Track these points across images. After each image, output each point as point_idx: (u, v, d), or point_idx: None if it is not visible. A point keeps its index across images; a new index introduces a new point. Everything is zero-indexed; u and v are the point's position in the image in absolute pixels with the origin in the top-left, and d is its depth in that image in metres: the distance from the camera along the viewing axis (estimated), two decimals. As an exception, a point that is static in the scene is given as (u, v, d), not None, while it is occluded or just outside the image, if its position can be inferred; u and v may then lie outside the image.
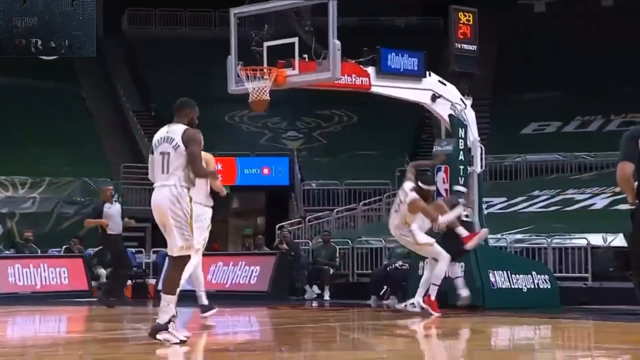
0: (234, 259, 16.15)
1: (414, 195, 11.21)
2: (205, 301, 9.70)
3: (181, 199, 6.85)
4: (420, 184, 11.39)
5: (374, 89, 12.55)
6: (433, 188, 11.65)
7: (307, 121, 26.40)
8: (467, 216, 12.08)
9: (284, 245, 16.75)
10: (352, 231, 19.30)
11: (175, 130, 7.00)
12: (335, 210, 20.89)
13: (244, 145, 23.82)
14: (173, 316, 6.78)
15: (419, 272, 12.85)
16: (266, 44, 11.79)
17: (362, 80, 12.36)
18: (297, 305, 14.13)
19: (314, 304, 14.84)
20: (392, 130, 24.46)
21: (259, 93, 11.59)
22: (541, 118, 25.37)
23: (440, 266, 11.17)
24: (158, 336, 6.80)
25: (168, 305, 6.78)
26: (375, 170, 22.81)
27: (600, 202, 17.70)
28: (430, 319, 10.56)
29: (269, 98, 10.40)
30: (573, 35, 26.44)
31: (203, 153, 9.43)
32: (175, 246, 6.82)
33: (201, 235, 9.05)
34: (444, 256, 11.18)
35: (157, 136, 7.11)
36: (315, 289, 16.17)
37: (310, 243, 17.51)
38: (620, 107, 23.62)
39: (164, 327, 6.79)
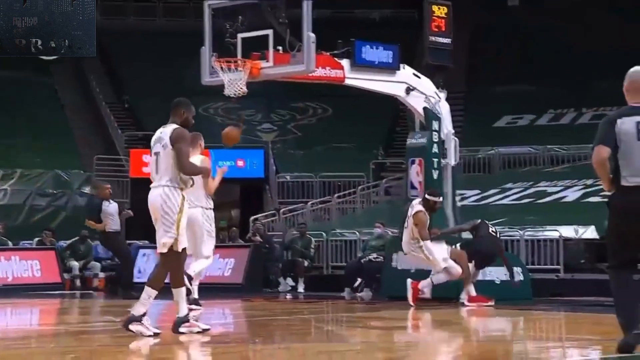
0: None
1: (419, 207, 11.38)
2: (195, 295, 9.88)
3: (172, 198, 6.91)
4: (426, 195, 11.57)
5: (348, 82, 12.55)
6: (439, 199, 11.66)
7: (281, 113, 26.36)
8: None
9: (258, 238, 16.73)
10: (326, 224, 19.31)
11: (166, 131, 7.10)
12: (309, 203, 20.88)
13: (218, 138, 23.69)
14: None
15: (392, 264, 12.90)
16: (240, 35, 11.74)
17: (336, 73, 12.35)
18: (271, 297, 14.12)
19: (288, 296, 14.84)
20: (366, 123, 24.49)
21: (236, 85, 11.54)
22: (514, 111, 25.52)
23: (443, 276, 11.26)
24: (131, 327, 6.80)
25: (148, 298, 6.81)
26: (349, 163, 22.83)
27: (572, 195, 17.84)
28: (404, 311, 10.60)
29: (239, 130, 10.38)
30: (546, 29, 26.60)
31: (198, 155, 9.47)
32: (158, 243, 6.89)
33: (211, 240, 9.19)
34: (456, 271, 11.26)
35: (154, 137, 7.23)
36: (289, 281, 16.17)
37: (284, 235, 17.49)
38: (592, 101, 23.80)
39: (138, 319, 6.79)
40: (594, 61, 24.15)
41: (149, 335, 6.73)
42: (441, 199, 11.80)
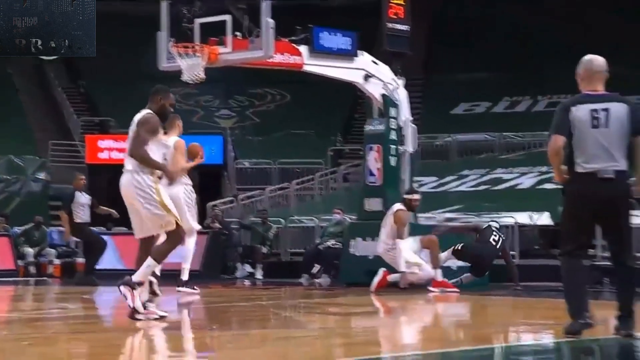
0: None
1: (399, 206, 11.52)
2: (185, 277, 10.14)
3: (142, 182, 6.87)
4: (404, 195, 11.79)
5: (306, 68, 12.53)
6: (414, 196, 11.79)
7: (240, 100, 26.25)
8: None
9: (216, 224, 16.67)
10: (285, 210, 19.30)
11: (138, 115, 7.07)
12: (268, 189, 20.85)
13: (176, 124, 23.51)
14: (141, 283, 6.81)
15: (350, 251, 12.95)
16: (198, 20, 11.65)
17: (294, 59, 12.33)
18: (229, 284, 14.09)
19: (246, 282, 14.82)
20: (325, 110, 24.50)
21: (194, 71, 11.46)
22: (471, 98, 25.73)
23: (425, 272, 11.38)
24: (122, 287, 6.84)
25: (148, 267, 6.85)
26: (308, 150, 22.84)
27: (527, 182, 18.06)
28: (361, 297, 10.66)
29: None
30: (503, 17, 26.81)
31: (174, 137, 9.47)
32: (152, 226, 6.87)
33: (194, 217, 9.23)
34: (418, 278, 11.40)
35: None
36: (248, 267, 16.15)
37: (242, 222, 17.44)
38: (547, 88, 24.08)
39: (132, 285, 6.81)
40: (550, 49, 24.42)
41: (131, 306, 6.77)
42: (417, 195, 11.91)
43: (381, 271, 11.38)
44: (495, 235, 12.21)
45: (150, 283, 7.24)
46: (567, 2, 25.90)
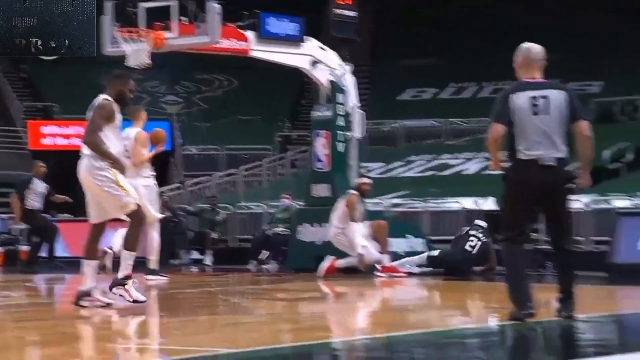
0: (113, 224, 15.81)
1: (351, 191, 11.62)
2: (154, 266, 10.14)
3: (96, 165, 6.82)
4: (355, 181, 11.83)
5: (253, 54, 12.49)
6: (366, 181, 11.88)
7: (186, 85, 26.04)
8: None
9: (165, 211, 16.54)
10: (232, 196, 19.26)
11: (94, 100, 6.99)
12: (215, 176, 20.77)
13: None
14: (130, 275, 6.86)
15: (298, 237, 12.98)
16: (142, 5, 11.52)
17: (241, 45, 12.28)
18: (177, 270, 14.02)
19: (194, 269, 14.77)
20: (272, 96, 24.45)
21: (139, 56, 11.35)
22: (418, 85, 25.91)
23: (370, 257, 11.45)
24: (114, 290, 6.86)
25: (127, 259, 6.85)
26: (256, 136, 22.79)
27: (472, 167, 18.31)
28: (308, 282, 10.72)
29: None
30: (448, 3, 27.01)
31: (136, 128, 9.39)
32: (110, 210, 6.83)
33: (155, 208, 9.18)
34: (368, 260, 11.44)
35: None
36: (196, 254, 16.09)
37: (190, 208, 17.35)
38: (492, 75, 24.35)
39: (121, 282, 6.85)
40: (494, 35, 24.69)
41: (129, 300, 6.80)
42: (367, 180, 11.98)
43: (330, 258, 11.44)
44: (472, 241, 12.15)
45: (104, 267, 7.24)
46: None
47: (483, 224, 12.39)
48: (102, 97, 6.96)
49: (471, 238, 12.16)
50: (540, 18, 23.83)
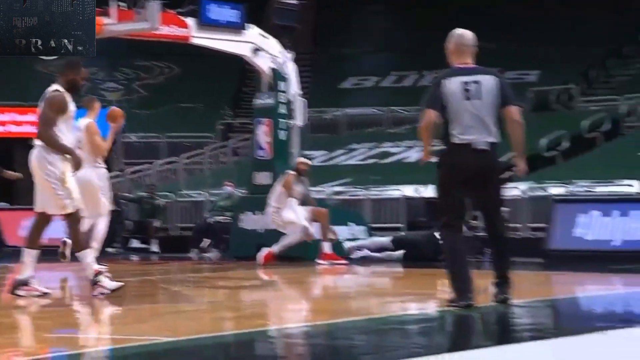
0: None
1: (290, 172, 11.58)
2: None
3: (49, 157, 6.74)
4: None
5: (194, 40, 12.40)
6: (303, 160, 11.86)
7: (126, 72, 25.69)
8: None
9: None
10: (174, 184, 19.11)
11: (46, 90, 6.89)
12: (156, 164, 20.57)
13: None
14: (100, 272, 6.86)
15: (240, 225, 12.96)
16: (81, -10, 11.33)
17: (181, 32, 12.18)
18: (118, 259, 13.88)
19: (134, 257, 14.64)
20: (214, 83, 24.28)
21: None
22: (360, 73, 25.99)
23: (292, 237, 11.43)
24: (93, 293, 6.85)
25: (87, 259, 6.85)
26: (197, 123, 22.62)
27: (414, 155, 18.46)
28: (250, 270, 10.71)
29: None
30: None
31: (87, 119, 9.24)
32: (50, 205, 6.78)
33: (105, 198, 9.07)
34: (298, 232, 11.42)
35: None
36: (137, 242, 15.95)
37: (130, 195, 17.18)
38: (433, 63, 24.52)
39: (95, 281, 6.83)
40: (434, 24, 24.90)
41: (108, 291, 6.76)
42: (303, 159, 11.95)
43: (266, 249, 11.47)
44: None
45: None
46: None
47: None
48: (54, 88, 6.84)
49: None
50: (478, 7, 24.09)
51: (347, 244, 12.47)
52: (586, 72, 23.13)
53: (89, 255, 6.89)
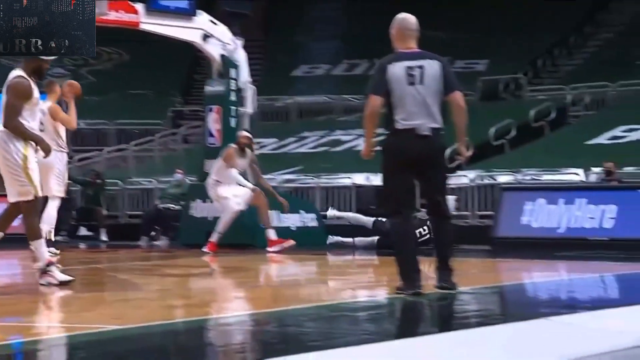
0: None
1: (230, 144, 11.47)
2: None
3: (10, 143, 6.59)
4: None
5: (143, 26, 12.25)
6: (244, 134, 11.76)
7: (74, 58, 25.30)
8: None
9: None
10: (123, 171, 18.90)
11: (9, 76, 6.76)
12: (105, 150, 20.32)
13: (2, 84, 22.47)
14: (52, 262, 6.77)
15: (189, 212, 12.87)
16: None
17: (130, 17, 12.02)
18: (66, 247, 13.70)
19: (82, 245, 14.46)
20: (164, 69, 24.05)
21: None
22: (311, 60, 25.97)
23: (224, 217, 11.31)
24: (41, 281, 6.71)
25: (37, 248, 6.70)
26: (147, 110, 22.40)
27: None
28: (201, 258, 10.67)
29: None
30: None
31: (48, 102, 9.07)
32: (12, 192, 6.67)
33: (59, 181, 8.92)
34: (229, 210, 11.32)
35: None
36: (84, 230, 15.76)
37: (80, 178, 16.94)
38: (384, 52, 24.61)
39: (44, 270, 6.70)
40: (384, 13, 24.98)
41: (57, 284, 6.67)
42: (245, 133, 11.86)
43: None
44: (425, 230, 11.78)
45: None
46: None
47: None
48: (16, 74, 6.71)
49: (425, 227, 12.25)
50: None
51: (330, 212, 12.56)
52: (534, 62, 23.44)
53: (43, 245, 6.79)
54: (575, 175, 14.48)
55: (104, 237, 15.34)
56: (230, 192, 11.35)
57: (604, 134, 17.36)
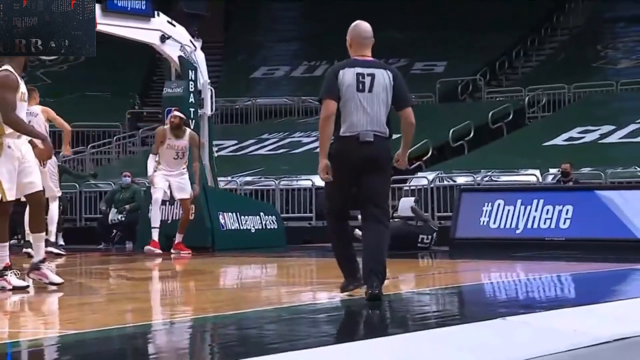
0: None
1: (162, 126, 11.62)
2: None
3: None
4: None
5: (99, 28, 12.04)
6: (173, 113, 11.61)
7: (29, 59, 24.97)
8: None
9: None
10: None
11: None
12: (61, 154, 20.06)
13: None
14: (9, 267, 6.68)
15: (148, 216, 12.78)
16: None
17: (87, 18, 11.88)
18: (18, 251, 13.52)
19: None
20: (122, 71, 23.87)
21: None
22: (271, 62, 25.95)
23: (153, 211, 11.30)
24: (32, 275, 6.78)
25: (2, 252, 6.68)
26: (104, 112, 22.19)
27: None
28: (159, 261, 10.60)
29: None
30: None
31: (40, 107, 8.94)
32: None
33: (55, 183, 8.83)
34: (154, 200, 11.31)
35: None
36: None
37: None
38: (343, 54, 24.71)
39: (0, 275, 6.65)
40: (346, 14, 25.04)
41: (12, 288, 6.57)
42: (175, 112, 11.75)
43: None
44: (427, 238, 12.24)
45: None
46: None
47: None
48: (3, 69, 6.60)
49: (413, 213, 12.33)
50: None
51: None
52: (492, 64, 23.70)
53: (4, 249, 6.69)
54: (532, 176, 14.66)
55: (60, 242, 15.15)
56: (160, 184, 11.31)
57: (561, 136, 17.61)
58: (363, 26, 6.06)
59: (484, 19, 24.35)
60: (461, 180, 14.98)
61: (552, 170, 14.71)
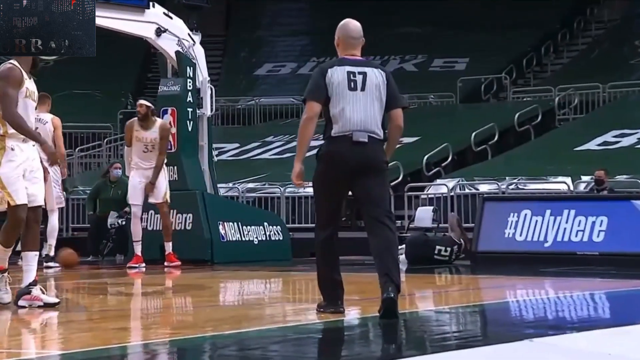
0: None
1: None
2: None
3: None
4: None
5: (90, 20, 12.19)
6: (139, 102, 11.74)
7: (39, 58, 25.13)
8: None
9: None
10: (68, 180, 18.75)
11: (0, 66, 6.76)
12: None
13: None
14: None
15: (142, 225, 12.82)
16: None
17: (77, 9, 11.96)
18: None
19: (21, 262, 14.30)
20: (114, 68, 23.96)
21: None
22: (276, 59, 26.01)
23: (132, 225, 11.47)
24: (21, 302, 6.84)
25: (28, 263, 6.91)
26: (95, 113, 22.29)
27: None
28: (153, 275, 10.63)
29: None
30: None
31: (51, 116, 9.06)
32: None
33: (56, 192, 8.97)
34: (133, 214, 11.49)
35: None
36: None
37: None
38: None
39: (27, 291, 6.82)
40: (358, 10, 25.11)
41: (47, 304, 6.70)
42: (142, 100, 11.82)
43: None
44: (446, 250, 12.37)
45: None
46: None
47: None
48: (9, 63, 6.70)
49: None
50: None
51: None
52: (518, 60, 23.68)
53: (6, 253, 6.79)
54: (563, 184, 14.65)
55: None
56: (130, 192, 11.46)
57: (594, 140, 17.58)
58: (352, 25, 6.19)
59: (510, 12, 24.34)
60: (484, 188, 14.97)
61: (584, 178, 14.69)
